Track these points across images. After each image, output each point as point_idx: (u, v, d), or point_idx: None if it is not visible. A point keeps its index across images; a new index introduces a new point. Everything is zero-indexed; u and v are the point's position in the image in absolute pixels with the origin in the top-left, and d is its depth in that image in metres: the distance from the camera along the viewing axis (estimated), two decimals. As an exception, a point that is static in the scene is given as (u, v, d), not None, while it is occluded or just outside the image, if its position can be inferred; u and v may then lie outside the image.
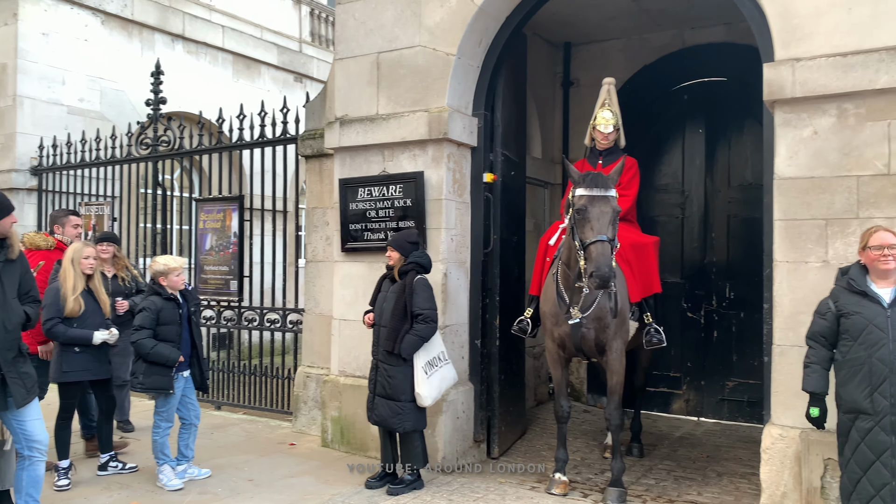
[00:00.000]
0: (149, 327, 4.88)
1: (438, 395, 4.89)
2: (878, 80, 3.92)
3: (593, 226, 4.36)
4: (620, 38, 7.83)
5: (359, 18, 5.94)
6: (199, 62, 11.64)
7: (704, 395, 7.35)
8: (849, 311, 3.53)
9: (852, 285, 3.56)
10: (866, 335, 3.46)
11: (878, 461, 3.38)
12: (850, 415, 3.49)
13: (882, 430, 3.37)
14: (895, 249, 3.47)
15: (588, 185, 4.48)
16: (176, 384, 4.98)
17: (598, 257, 4.24)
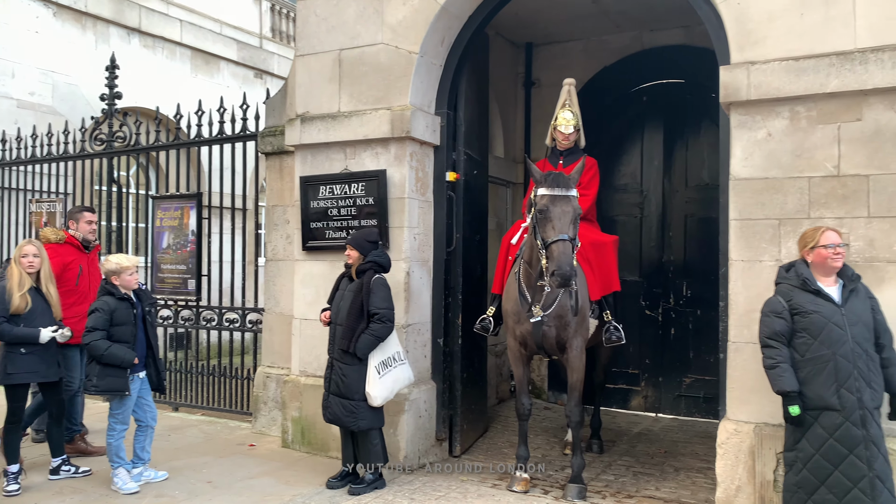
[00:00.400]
0: (102, 328, 4.75)
1: (390, 395, 4.88)
2: (828, 83, 4.04)
3: (555, 225, 4.41)
4: (581, 40, 7.92)
5: (320, 15, 5.89)
6: (156, 57, 11.41)
7: (662, 391, 7.48)
8: (805, 310, 3.58)
9: (807, 284, 3.62)
10: (827, 333, 3.53)
11: (853, 455, 3.46)
12: (813, 412, 3.54)
13: (853, 425, 3.46)
14: (843, 248, 3.63)
15: (549, 185, 4.53)
16: (132, 385, 4.87)
17: (560, 256, 4.29)
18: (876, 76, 3.92)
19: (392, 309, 4.84)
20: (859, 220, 4.00)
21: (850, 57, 3.99)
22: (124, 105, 8.43)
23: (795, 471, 3.61)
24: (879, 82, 3.91)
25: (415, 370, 5.54)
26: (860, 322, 3.57)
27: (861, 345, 3.54)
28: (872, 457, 3.46)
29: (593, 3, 6.94)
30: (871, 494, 3.42)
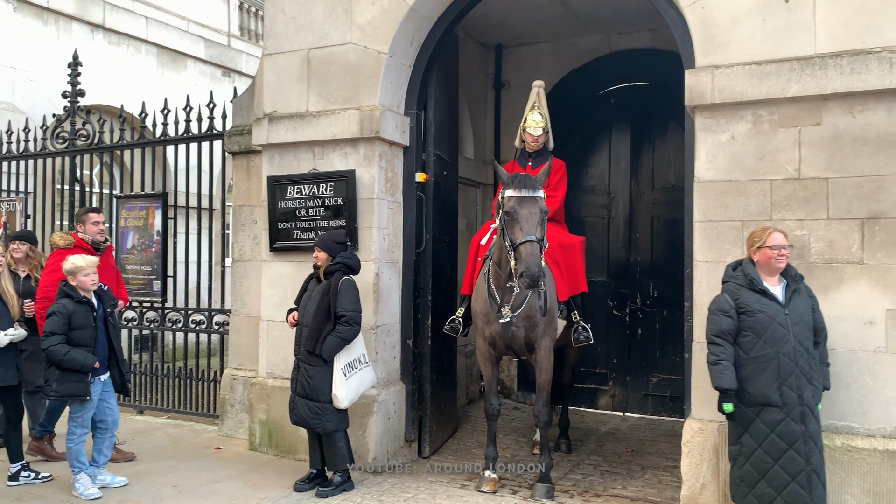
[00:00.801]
0: (60, 332, 4.63)
1: (356, 397, 4.87)
2: (789, 88, 4.12)
3: (522, 226, 4.44)
4: (550, 42, 7.97)
5: (289, 14, 5.84)
6: (120, 54, 11.20)
7: (629, 390, 7.57)
8: (751, 309, 3.70)
9: (753, 283, 3.73)
10: (771, 333, 3.65)
11: (792, 449, 3.58)
12: (755, 408, 3.66)
13: (793, 421, 3.59)
14: (787, 250, 3.76)
15: (517, 187, 4.56)
16: (93, 388, 4.77)
17: (528, 257, 4.32)
18: (835, 81, 4.02)
19: (359, 311, 4.82)
20: (819, 221, 4.09)
21: (810, 62, 4.08)
22: (88, 103, 8.27)
23: (739, 465, 3.73)
24: (838, 87, 4.01)
25: (384, 371, 5.53)
26: (802, 321, 3.69)
27: (802, 343, 3.66)
28: (810, 451, 3.59)
29: (562, 5, 6.99)
30: (807, 488, 3.56)
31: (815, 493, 3.57)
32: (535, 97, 5.72)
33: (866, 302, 3.97)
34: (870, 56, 3.96)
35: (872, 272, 3.98)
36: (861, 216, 4.01)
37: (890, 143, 3.96)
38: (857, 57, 3.98)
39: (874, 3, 4.00)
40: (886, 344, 3.94)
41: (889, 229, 3.95)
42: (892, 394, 3.93)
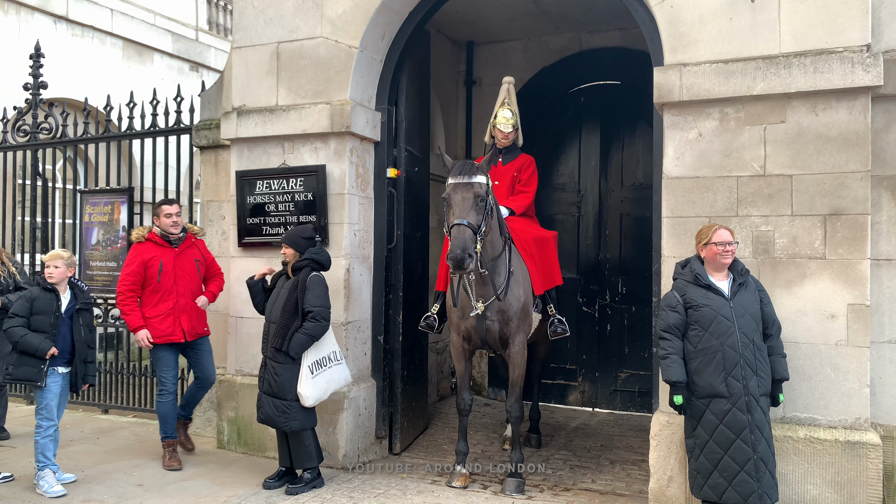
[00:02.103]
0: (22, 315, 4.70)
1: (324, 395, 4.81)
2: (755, 86, 4.20)
3: (454, 211, 4.46)
4: (521, 39, 8.01)
5: (258, 7, 5.78)
6: (85, 46, 10.97)
7: (599, 386, 7.64)
8: (697, 304, 3.81)
9: (699, 279, 3.85)
10: (716, 325, 3.75)
11: (739, 439, 3.67)
12: (704, 399, 3.76)
13: (739, 411, 3.68)
14: (732, 246, 3.86)
15: (455, 174, 4.58)
16: (50, 379, 4.73)
17: (454, 240, 4.32)
18: (799, 80, 4.10)
19: (327, 307, 4.78)
20: (783, 217, 4.17)
21: (775, 61, 4.16)
22: (50, 95, 8.09)
23: (694, 457, 3.83)
24: (802, 86, 4.09)
25: (355, 368, 5.50)
26: (747, 314, 3.78)
27: (748, 335, 3.74)
28: (756, 440, 3.67)
29: (533, 3, 7.02)
30: (755, 476, 3.64)
31: (762, 480, 3.66)
32: (505, 93, 5.75)
33: (828, 296, 4.06)
34: (832, 56, 4.05)
35: (834, 267, 4.07)
36: (823, 212, 4.10)
37: (851, 141, 4.05)
38: (821, 56, 4.07)
39: (837, 4, 4.10)
40: (847, 337, 4.04)
41: (850, 225, 4.04)
42: (853, 386, 4.03)
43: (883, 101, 4.16)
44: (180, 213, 5.39)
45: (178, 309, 5.29)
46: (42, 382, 4.67)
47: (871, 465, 3.93)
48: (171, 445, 5.39)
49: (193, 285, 5.42)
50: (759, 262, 4.21)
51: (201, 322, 5.50)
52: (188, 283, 5.37)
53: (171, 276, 5.31)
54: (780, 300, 4.13)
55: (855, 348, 4.03)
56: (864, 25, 4.06)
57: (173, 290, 5.30)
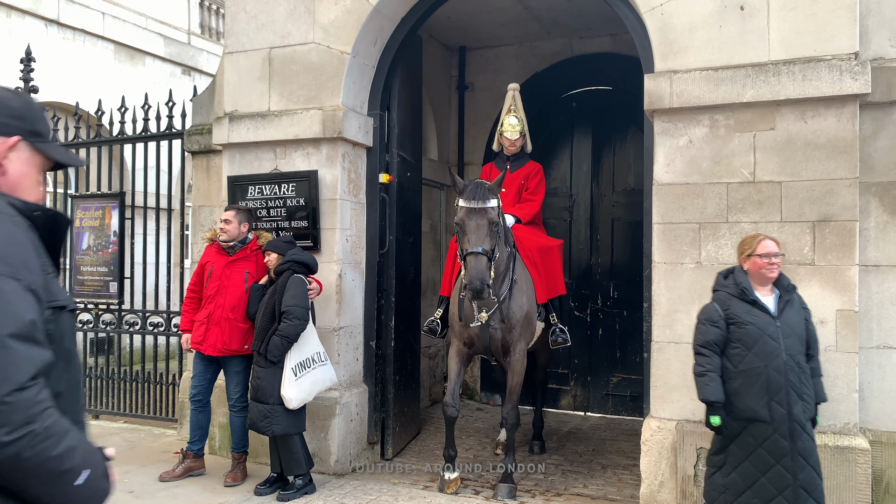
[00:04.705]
0: None
1: (309, 397, 4.78)
2: (744, 94, 4.23)
3: (469, 238, 4.51)
4: (513, 45, 8.04)
5: (250, 12, 5.78)
6: (76, 50, 10.93)
7: (590, 390, 7.66)
8: (741, 320, 3.53)
9: (745, 294, 3.56)
10: (761, 346, 3.48)
11: (779, 465, 3.46)
12: (742, 421, 3.52)
13: (781, 437, 3.45)
14: (779, 258, 3.59)
15: (467, 198, 4.60)
16: None
17: (472, 270, 4.40)
18: (788, 87, 4.13)
19: (304, 307, 4.70)
20: (773, 224, 4.20)
21: (764, 68, 4.20)
22: (41, 99, 8.04)
23: (724, 472, 3.61)
24: (791, 93, 4.13)
25: (347, 373, 5.50)
26: (794, 334, 3.54)
27: (794, 357, 3.50)
28: (799, 468, 3.46)
29: (525, 9, 7.05)
30: (793, 502, 3.45)
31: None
32: (511, 100, 5.77)
33: (817, 302, 4.09)
34: (821, 63, 4.08)
35: (823, 273, 4.10)
36: (812, 219, 4.13)
37: (839, 148, 4.09)
38: (809, 64, 4.11)
39: (825, 13, 4.13)
40: (836, 343, 4.07)
41: (839, 232, 4.07)
42: (842, 391, 4.05)
43: (871, 109, 4.20)
44: (230, 221, 5.10)
45: (212, 320, 5.03)
46: None
47: (861, 470, 3.96)
48: (186, 457, 5.25)
49: (235, 298, 5.05)
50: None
51: (235, 339, 5.03)
52: (229, 296, 5.04)
53: (216, 285, 5.09)
54: (770, 306, 4.15)
55: (844, 354, 4.06)
56: (853, 34, 4.10)
57: (213, 299, 5.08)
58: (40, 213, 1.51)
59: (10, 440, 1.25)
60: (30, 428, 1.28)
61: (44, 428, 1.31)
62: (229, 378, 5.19)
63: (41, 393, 1.32)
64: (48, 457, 1.32)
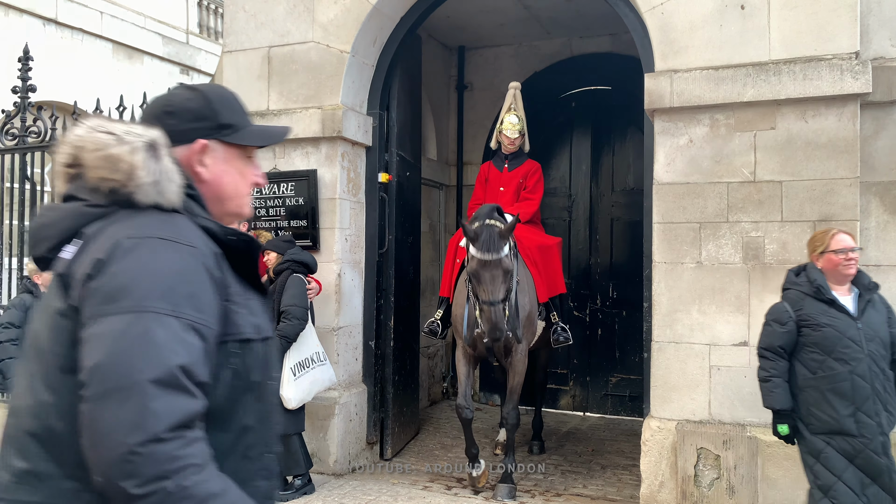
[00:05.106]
0: (17, 325, 4.75)
1: (308, 397, 4.77)
2: (745, 93, 4.22)
3: (486, 289, 4.53)
4: (512, 45, 8.02)
5: (249, 11, 5.76)
6: (74, 49, 10.90)
7: (590, 390, 7.64)
8: (817, 322, 3.20)
9: (821, 292, 3.23)
10: (842, 350, 3.15)
11: (876, 484, 3.12)
12: (823, 436, 3.17)
13: (874, 453, 3.10)
14: (856, 253, 3.28)
15: (481, 249, 4.56)
16: None
17: (489, 321, 4.50)
18: (788, 87, 4.12)
19: (302, 307, 4.70)
20: (773, 223, 4.19)
21: (764, 68, 4.19)
22: (39, 99, 8.01)
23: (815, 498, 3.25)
24: (791, 93, 4.12)
25: (346, 373, 5.49)
26: (877, 337, 3.21)
27: (878, 363, 3.17)
28: None
29: (524, 8, 7.04)
30: None
31: None
32: (512, 99, 5.77)
33: (818, 302, 4.08)
34: (821, 63, 4.08)
35: (824, 273, 4.09)
36: (813, 218, 4.12)
37: (840, 147, 4.08)
38: (810, 63, 4.10)
39: (825, 12, 4.13)
40: (837, 343, 4.06)
41: (839, 231, 4.06)
42: (843, 391, 4.04)
43: (871, 108, 4.19)
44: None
45: None
46: None
47: (861, 470, 3.94)
48: None
49: None
50: (750, 267, 4.23)
51: None
52: None
53: None
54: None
55: (844, 354, 4.04)
56: (853, 33, 4.09)
57: None
58: (235, 237, 1.36)
59: (139, 493, 1.12)
60: (162, 485, 1.12)
61: (180, 488, 1.13)
62: None
63: (185, 448, 1.15)
64: None
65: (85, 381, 1.15)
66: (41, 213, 1.41)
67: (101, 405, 1.14)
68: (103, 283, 1.20)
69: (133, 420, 1.12)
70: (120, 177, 1.29)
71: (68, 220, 1.32)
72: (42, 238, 1.34)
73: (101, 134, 1.32)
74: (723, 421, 4.25)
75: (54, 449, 1.21)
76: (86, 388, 1.15)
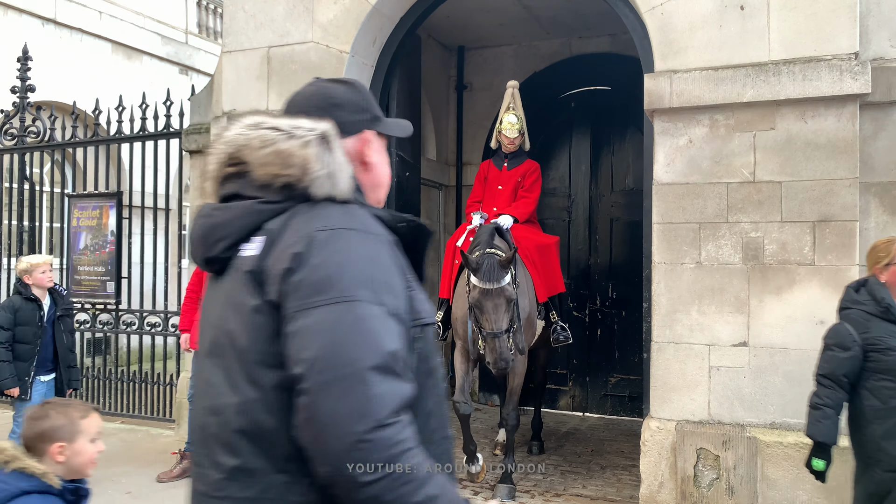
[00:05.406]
0: (7, 328, 4.68)
1: None
2: (744, 93, 4.22)
3: (489, 318, 4.56)
4: (512, 45, 8.02)
5: (249, 11, 5.76)
6: (73, 49, 10.90)
7: (589, 391, 7.64)
8: (888, 346, 2.88)
9: (890, 312, 2.90)
10: None
11: None
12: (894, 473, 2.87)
13: None
14: None
15: (483, 279, 4.59)
16: (35, 390, 4.75)
17: (493, 352, 4.53)
18: (788, 87, 4.13)
19: None
20: (773, 224, 4.20)
21: (764, 68, 4.19)
22: (38, 98, 8.02)
23: None
24: (791, 93, 4.12)
25: (345, 373, 5.48)
26: None
27: None
28: None
29: (524, 8, 7.04)
30: None
31: None
32: (510, 98, 5.76)
33: (817, 302, 4.08)
34: (821, 63, 4.08)
35: (823, 273, 4.09)
36: (812, 219, 4.12)
37: (839, 148, 4.08)
38: (809, 64, 4.10)
39: (825, 13, 4.13)
40: (836, 343, 4.06)
41: (839, 232, 4.07)
42: (842, 391, 4.04)
43: (871, 109, 4.19)
44: None
45: None
46: (28, 395, 4.67)
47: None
48: (184, 457, 5.23)
49: None
50: (749, 268, 4.23)
51: None
52: None
53: None
54: (770, 306, 4.15)
55: (844, 354, 4.04)
56: (853, 33, 4.09)
57: None
58: (405, 224, 1.38)
59: (369, 480, 1.14)
60: (389, 469, 1.16)
61: (405, 470, 1.17)
62: None
63: (403, 431, 1.18)
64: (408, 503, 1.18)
65: (303, 373, 1.16)
66: (206, 213, 1.39)
67: (324, 396, 1.14)
68: (306, 276, 1.20)
69: (359, 408, 1.14)
70: (294, 171, 1.29)
71: (245, 219, 1.31)
72: (218, 238, 1.33)
73: (265, 130, 1.32)
74: (722, 421, 4.26)
75: (263, 444, 1.22)
76: (304, 381, 1.16)
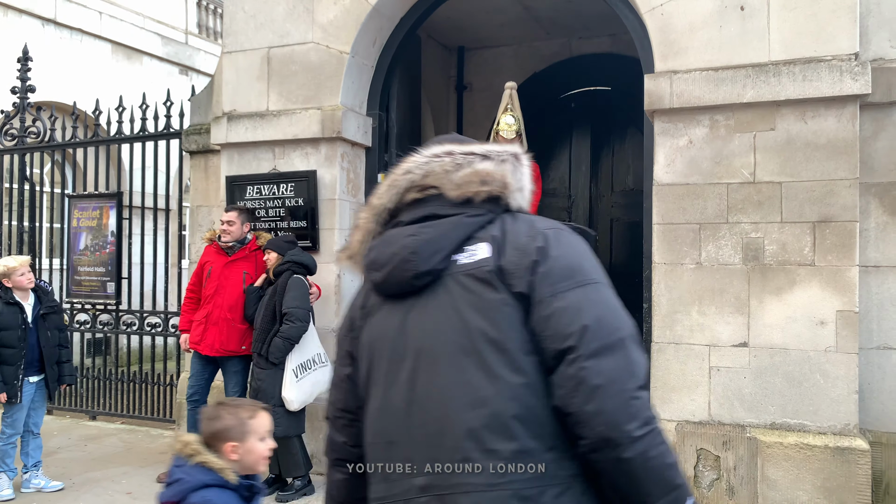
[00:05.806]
0: None
1: (310, 398, 4.77)
2: (745, 94, 4.22)
3: None
4: (512, 45, 8.03)
5: (249, 11, 5.76)
6: (73, 49, 10.91)
7: (589, 391, 7.64)
8: None
9: None
10: None
11: None
12: None
13: None
14: None
15: None
16: (24, 391, 4.75)
17: None
18: (788, 88, 4.13)
19: (305, 308, 4.70)
20: (773, 224, 4.20)
21: (764, 69, 4.19)
22: (38, 99, 8.02)
23: None
24: (791, 94, 4.12)
25: (345, 374, 5.48)
26: None
27: None
28: None
29: (524, 9, 7.04)
30: None
31: None
32: (508, 99, 5.75)
33: (817, 303, 4.09)
34: (821, 64, 4.08)
35: (823, 274, 4.10)
36: (813, 219, 4.12)
37: (840, 148, 4.08)
38: (809, 65, 4.10)
39: (825, 13, 4.13)
40: (836, 344, 4.06)
41: (839, 232, 4.07)
42: (842, 392, 4.05)
43: (871, 109, 4.20)
44: (233, 222, 5.10)
45: (210, 320, 5.02)
46: (17, 399, 4.67)
47: (861, 471, 3.95)
48: None
49: (233, 299, 5.03)
50: (749, 268, 4.23)
51: (233, 340, 5.03)
52: (227, 296, 5.03)
53: (214, 285, 5.07)
54: (770, 307, 4.15)
55: (844, 354, 4.05)
56: (853, 34, 4.09)
57: (211, 299, 5.07)
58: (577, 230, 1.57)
59: (640, 434, 1.28)
60: (653, 425, 1.31)
61: (659, 428, 1.33)
62: (227, 378, 5.16)
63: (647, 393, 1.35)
64: (666, 463, 1.32)
65: (574, 344, 1.31)
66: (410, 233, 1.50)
67: (598, 360, 1.30)
68: (552, 266, 1.39)
69: (628, 369, 1.31)
70: (496, 187, 1.49)
71: (459, 230, 1.47)
72: (434, 251, 1.45)
73: (459, 156, 1.53)
74: (722, 422, 4.26)
75: (534, 425, 1.34)
76: (576, 350, 1.31)
